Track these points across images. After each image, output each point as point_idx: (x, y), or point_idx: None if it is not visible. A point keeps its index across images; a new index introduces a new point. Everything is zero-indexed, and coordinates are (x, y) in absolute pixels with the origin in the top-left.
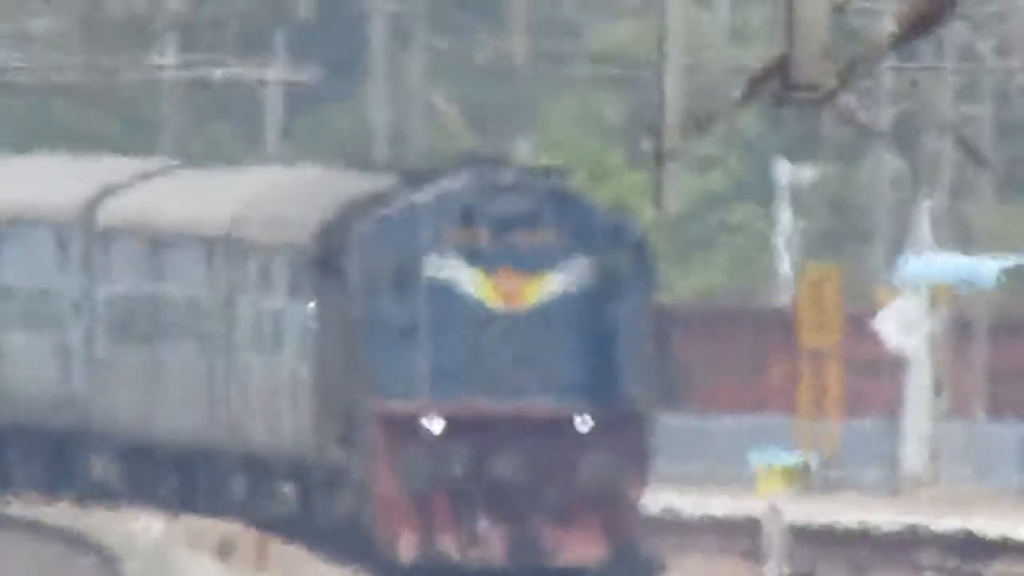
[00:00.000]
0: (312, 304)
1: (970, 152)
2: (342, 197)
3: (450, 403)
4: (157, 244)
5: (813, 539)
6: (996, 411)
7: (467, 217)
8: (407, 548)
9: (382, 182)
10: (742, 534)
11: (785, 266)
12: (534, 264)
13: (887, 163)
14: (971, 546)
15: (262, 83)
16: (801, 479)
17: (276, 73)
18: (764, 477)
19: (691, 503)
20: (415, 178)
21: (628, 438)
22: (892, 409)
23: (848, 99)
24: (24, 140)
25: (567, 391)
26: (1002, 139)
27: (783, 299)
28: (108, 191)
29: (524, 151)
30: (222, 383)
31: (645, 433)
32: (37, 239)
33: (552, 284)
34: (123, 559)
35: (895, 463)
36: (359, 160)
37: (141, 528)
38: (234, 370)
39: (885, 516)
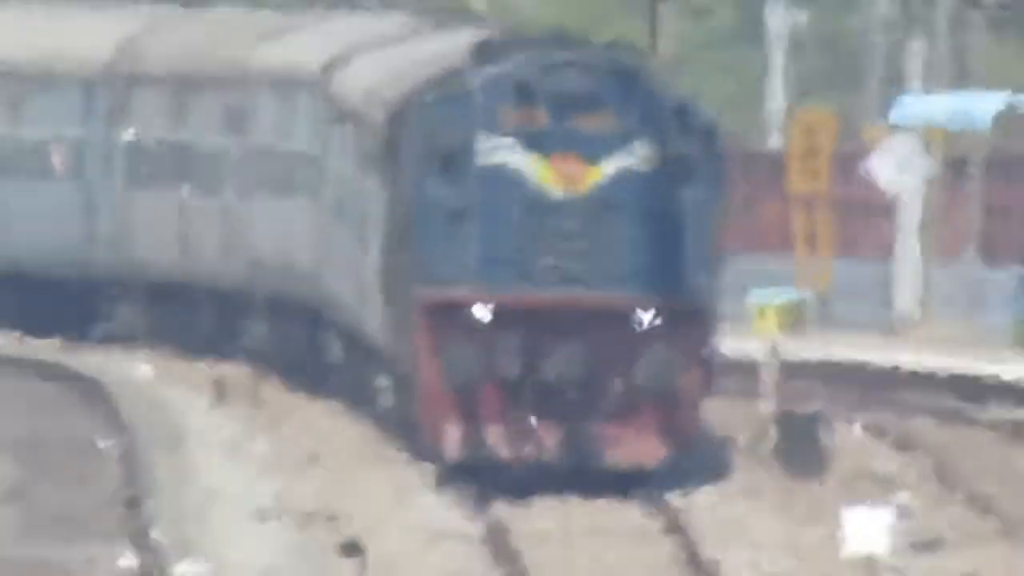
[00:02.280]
0: (379, 184)
1: None
2: (419, 71)
3: (501, 291)
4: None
5: (808, 377)
6: (989, 252)
7: (523, 97)
8: (452, 445)
9: (459, 54)
10: (741, 373)
11: (778, 108)
12: (594, 147)
13: (878, 6)
14: (964, 387)
15: None
16: (796, 318)
17: None
18: (760, 316)
19: None
20: (486, 51)
21: (692, 335)
22: (886, 250)
23: None
24: None
25: (628, 282)
26: None
27: (774, 142)
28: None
29: None
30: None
31: (711, 330)
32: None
33: (613, 169)
34: (119, 395)
35: (888, 304)
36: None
37: (139, 369)
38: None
39: (878, 355)
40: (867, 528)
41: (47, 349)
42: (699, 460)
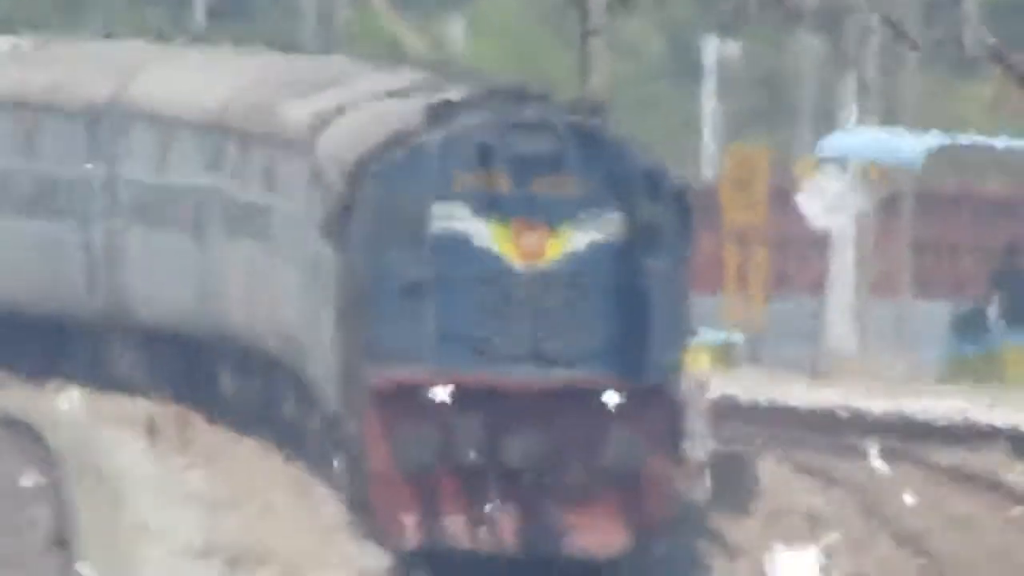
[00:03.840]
0: (332, 252)
1: (895, 32)
2: (377, 130)
3: (458, 371)
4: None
5: (738, 416)
6: (922, 287)
7: (482, 159)
8: (408, 534)
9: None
10: None
11: (710, 144)
12: (558, 215)
13: (812, 44)
14: (904, 428)
15: None
16: (727, 357)
17: None
18: (692, 356)
19: None
20: (442, 110)
21: (660, 416)
22: (818, 286)
23: None
24: None
25: (593, 360)
26: (927, 19)
27: (708, 177)
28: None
29: (458, 30)
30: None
31: (679, 410)
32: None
33: (578, 238)
34: (48, 434)
35: (821, 340)
36: (285, 42)
37: (65, 405)
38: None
39: (811, 395)
40: (797, 569)
41: None
42: None
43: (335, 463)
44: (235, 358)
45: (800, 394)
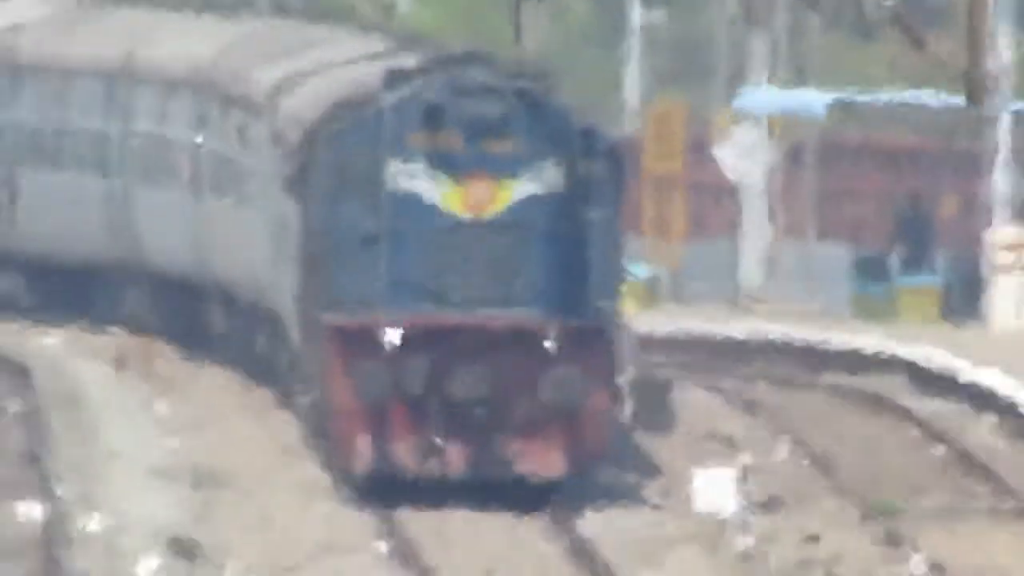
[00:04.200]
0: (294, 207)
1: None
2: (336, 93)
3: (409, 314)
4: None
5: (661, 348)
6: (825, 231)
7: (432, 120)
8: (363, 459)
9: (373, 76)
10: None
11: (634, 99)
12: (503, 170)
13: (725, 7)
14: (803, 355)
15: None
16: (651, 294)
17: None
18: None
19: None
20: (396, 74)
21: (597, 355)
22: (732, 228)
23: None
24: None
25: (534, 303)
26: None
27: (629, 130)
28: None
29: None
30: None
31: (614, 348)
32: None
33: (521, 191)
34: (32, 368)
35: (735, 280)
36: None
37: (47, 342)
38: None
39: (726, 327)
40: (715, 488)
41: None
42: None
43: (299, 397)
44: (220, 300)
45: (718, 327)
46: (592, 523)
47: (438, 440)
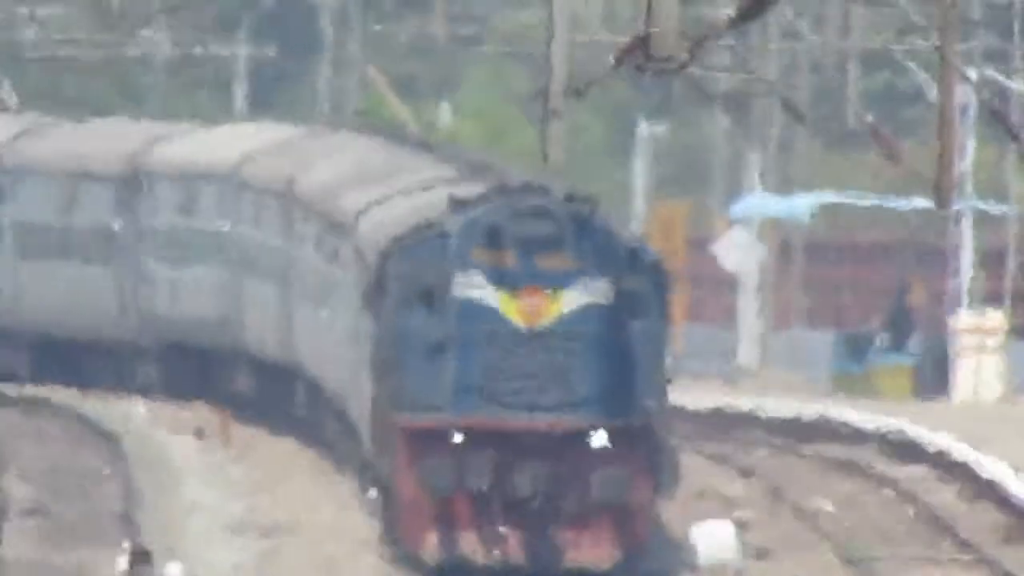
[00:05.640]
0: (370, 318)
1: (791, 112)
2: (408, 216)
3: (471, 417)
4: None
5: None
6: (811, 320)
7: (494, 239)
8: (431, 550)
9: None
10: None
11: (640, 203)
12: (556, 284)
13: (723, 122)
14: (793, 426)
15: (234, 57)
16: None
17: (244, 49)
18: None
19: None
20: (461, 200)
21: (643, 451)
22: (729, 316)
23: (695, 70)
24: (38, 106)
25: (584, 405)
26: (817, 102)
27: (637, 230)
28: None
29: (446, 113)
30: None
31: (658, 445)
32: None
33: (572, 303)
34: (120, 437)
35: (732, 359)
36: (310, 119)
37: (132, 412)
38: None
39: (725, 399)
40: (717, 539)
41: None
42: None
43: (371, 493)
44: (304, 386)
45: (718, 400)
46: None
47: (502, 530)
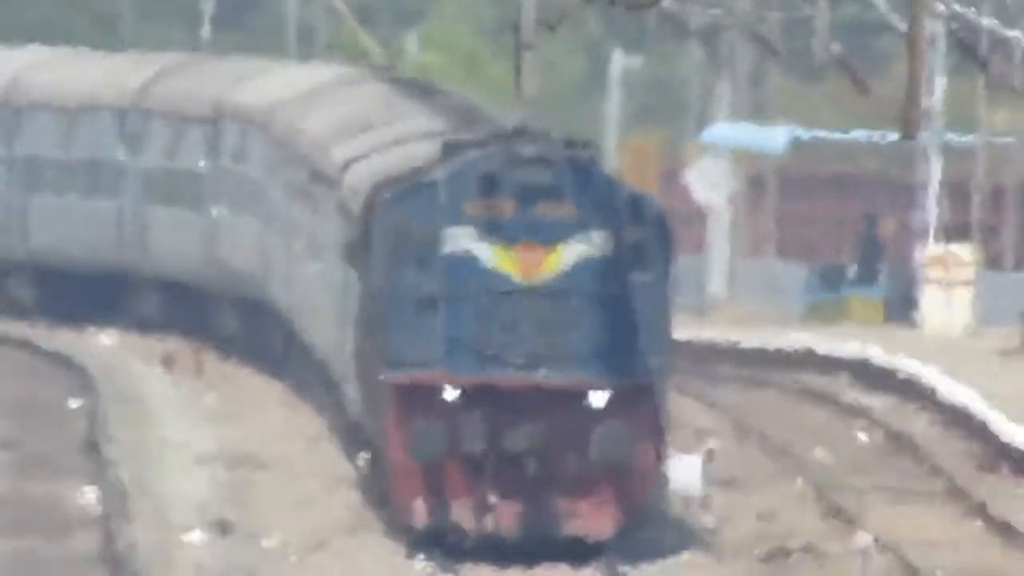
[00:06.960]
0: (355, 272)
1: (764, 46)
2: (395, 166)
3: (465, 374)
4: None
5: None
6: (783, 252)
7: (488, 189)
8: (420, 515)
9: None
10: None
11: (614, 135)
12: (554, 237)
13: (695, 55)
14: (762, 356)
15: None
16: None
17: None
18: None
19: None
20: (452, 146)
21: (644, 411)
22: (700, 248)
23: (670, 4)
24: (2, 33)
25: (583, 364)
26: (788, 36)
27: (612, 163)
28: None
29: (412, 44)
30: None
31: (661, 406)
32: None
33: (572, 256)
34: (88, 367)
35: (701, 290)
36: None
37: (102, 343)
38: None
39: (693, 332)
40: (685, 471)
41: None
42: None
43: (359, 457)
44: (284, 331)
45: (687, 332)
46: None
47: (492, 498)
